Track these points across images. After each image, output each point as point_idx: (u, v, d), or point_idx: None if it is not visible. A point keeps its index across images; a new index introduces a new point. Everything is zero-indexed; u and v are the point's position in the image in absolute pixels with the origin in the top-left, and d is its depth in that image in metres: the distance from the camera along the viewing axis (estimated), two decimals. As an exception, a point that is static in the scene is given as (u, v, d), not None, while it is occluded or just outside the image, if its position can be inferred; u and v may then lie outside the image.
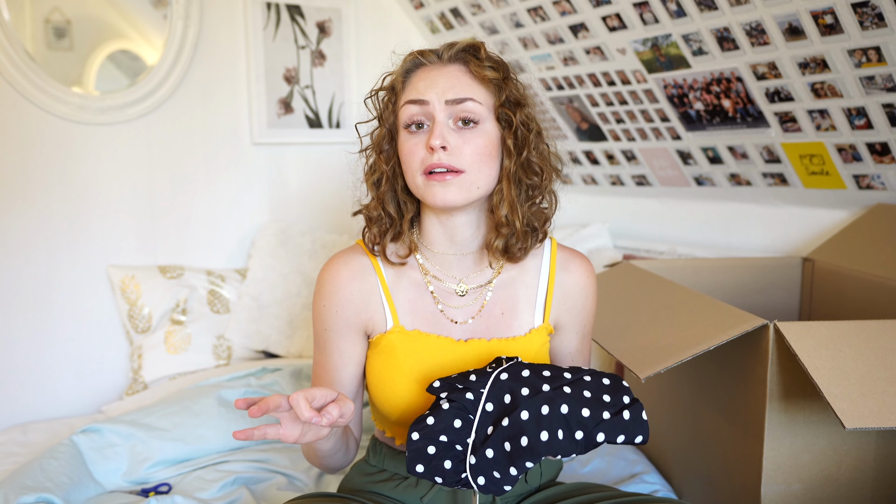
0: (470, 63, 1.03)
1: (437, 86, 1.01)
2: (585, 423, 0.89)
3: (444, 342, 1.06)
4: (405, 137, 1.03)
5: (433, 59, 1.04)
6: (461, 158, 0.99)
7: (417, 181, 1.01)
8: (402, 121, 1.03)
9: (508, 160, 1.03)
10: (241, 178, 2.20)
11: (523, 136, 1.03)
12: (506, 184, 1.03)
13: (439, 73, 1.02)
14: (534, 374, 0.93)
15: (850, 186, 1.70)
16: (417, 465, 0.91)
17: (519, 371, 0.93)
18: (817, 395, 0.96)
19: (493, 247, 1.05)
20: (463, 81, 1.01)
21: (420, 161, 1.00)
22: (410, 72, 1.05)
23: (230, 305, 2.09)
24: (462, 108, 1.00)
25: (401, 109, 1.03)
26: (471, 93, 1.01)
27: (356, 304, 1.07)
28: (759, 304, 1.74)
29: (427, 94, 1.00)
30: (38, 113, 1.88)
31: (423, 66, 1.04)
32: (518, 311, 1.09)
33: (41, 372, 1.93)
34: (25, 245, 1.89)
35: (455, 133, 1.00)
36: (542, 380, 0.92)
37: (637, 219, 2.28)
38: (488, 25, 2.12)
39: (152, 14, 2.05)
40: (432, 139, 0.98)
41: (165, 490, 1.44)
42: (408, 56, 1.06)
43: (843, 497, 1.19)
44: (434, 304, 1.08)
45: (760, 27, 1.51)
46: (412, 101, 1.01)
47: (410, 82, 1.04)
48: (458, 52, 1.03)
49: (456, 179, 0.99)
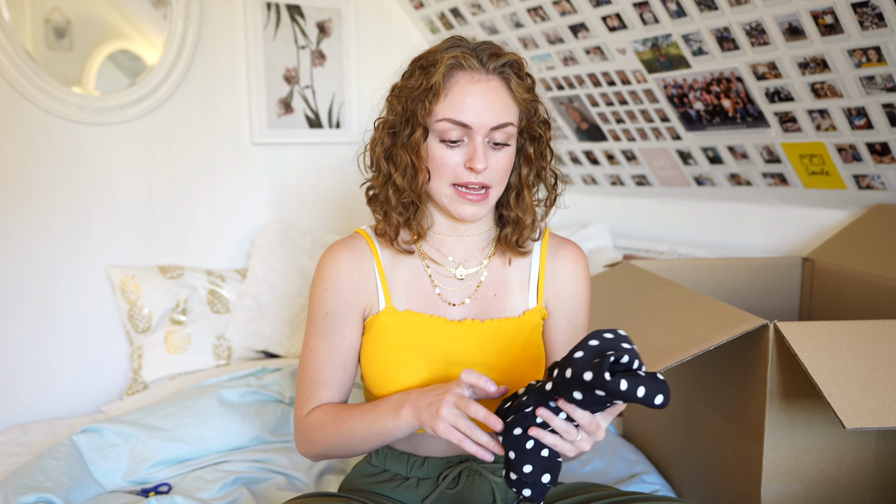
0: (511, 80, 1.04)
1: (482, 107, 1.01)
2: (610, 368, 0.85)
3: (438, 322, 1.08)
4: (438, 146, 1.03)
5: (475, 65, 1.02)
6: (492, 176, 1.03)
7: (445, 189, 1.04)
8: (436, 129, 1.02)
9: (528, 169, 1.09)
10: (241, 178, 2.20)
11: (544, 151, 1.10)
12: (527, 192, 1.10)
13: (483, 91, 1.01)
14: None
15: (850, 186, 1.70)
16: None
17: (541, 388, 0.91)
18: (817, 395, 0.96)
19: (510, 242, 1.10)
20: (504, 101, 1.03)
21: (454, 174, 1.02)
22: (450, 75, 1.02)
23: (230, 305, 2.09)
24: (501, 132, 1.03)
25: (438, 122, 1.02)
26: (510, 116, 1.03)
27: (356, 286, 1.09)
28: (759, 304, 1.74)
29: (472, 117, 1.00)
30: (38, 113, 1.88)
31: (464, 70, 1.02)
32: (510, 292, 1.12)
33: (41, 372, 1.93)
34: (25, 245, 1.89)
35: (489, 151, 1.03)
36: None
37: (637, 219, 2.28)
38: (488, 25, 2.12)
39: (152, 14, 2.05)
40: (477, 162, 1.00)
41: (165, 490, 1.44)
42: (448, 56, 1.02)
43: (843, 497, 1.19)
44: (431, 286, 1.10)
45: (760, 27, 1.51)
46: (453, 121, 1.01)
47: (452, 91, 1.02)
48: (503, 67, 1.04)
49: (485, 199, 1.04)
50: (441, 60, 1.02)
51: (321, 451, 1.10)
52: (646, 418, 1.62)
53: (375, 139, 1.09)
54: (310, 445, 1.10)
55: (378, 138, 1.09)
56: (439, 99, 1.02)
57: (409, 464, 1.12)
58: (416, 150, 1.04)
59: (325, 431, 1.07)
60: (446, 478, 1.10)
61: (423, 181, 1.04)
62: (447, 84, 1.02)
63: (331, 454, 1.10)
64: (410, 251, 1.10)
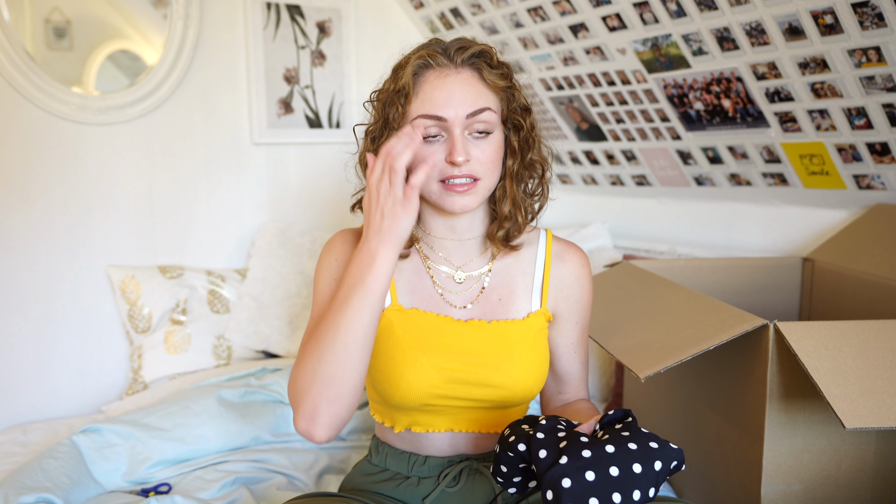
0: (482, 70, 1.03)
1: (454, 98, 1.00)
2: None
3: (444, 321, 1.08)
4: (419, 146, 1.02)
5: (443, 62, 1.02)
6: (478, 167, 1.02)
7: (432, 187, 1.03)
8: (415, 128, 1.02)
9: (512, 160, 1.08)
10: (241, 178, 2.20)
11: (528, 139, 1.08)
12: (509, 182, 1.08)
13: (454, 84, 1.01)
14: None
15: (850, 186, 1.70)
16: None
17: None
18: (817, 395, 0.96)
19: (495, 237, 1.10)
20: (477, 90, 1.02)
21: (438, 171, 1.02)
22: (419, 75, 1.03)
23: (230, 305, 2.09)
24: (479, 118, 1.02)
25: (413, 120, 1.01)
26: (486, 102, 1.02)
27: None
28: (759, 304, 1.74)
29: (445, 109, 1.00)
30: (38, 113, 1.88)
31: (432, 68, 1.02)
32: (515, 297, 1.11)
33: (41, 372, 1.93)
34: (25, 245, 1.89)
35: (471, 143, 1.02)
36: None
37: (637, 219, 2.28)
38: (488, 25, 2.12)
39: (152, 14, 2.05)
40: (456, 155, 0.99)
41: (165, 490, 1.44)
42: (414, 56, 1.03)
43: (843, 497, 1.19)
44: (434, 287, 1.10)
45: (760, 27, 1.51)
46: (428, 117, 1.00)
47: (423, 89, 1.02)
48: (471, 58, 1.03)
49: (473, 188, 1.02)
50: (409, 62, 1.03)
51: (308, 382, 0.94)
52: (645, 418, 1.62)
53: (361, 148, 1.10)
54: (298, 395, 0.96)
55: (364, 147, 1.09)
56: (411, 100, 1.02)
57: (409, 463, 1.13)
58: None
59: (305, 351, 0.96)
60: (447, 476, 1.10)
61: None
62: (417, 83, 1.02)
63: (321, 380, 0.94)
64: (407, 254, 1.10)
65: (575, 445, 0.82)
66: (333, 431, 0.96)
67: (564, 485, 0.79)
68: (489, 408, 1.09)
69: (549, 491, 0.80)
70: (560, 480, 0.79)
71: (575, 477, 0.79)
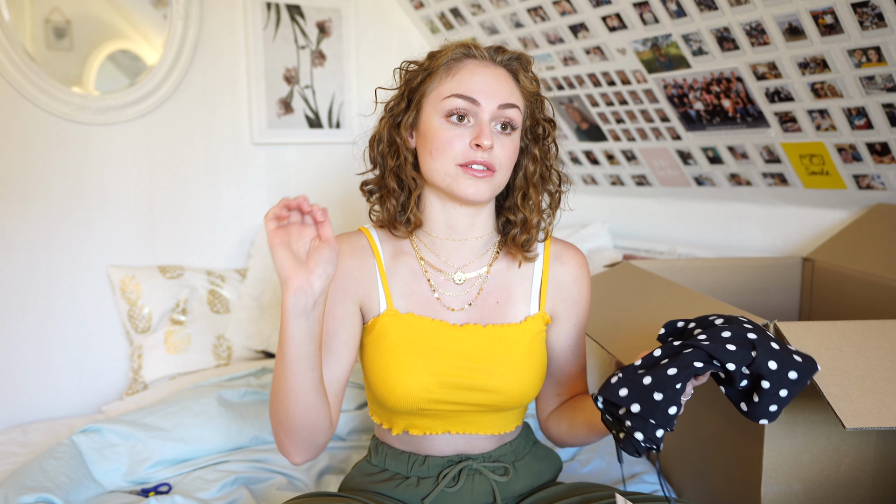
0: (518, 73, 1.07)
1: (490, 87, 1.03)
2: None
3: (439, 325, 1.07)
4: (443, 125, 1.03)
5: (484, 55, 1.06)
6: (498, 159, 1.04)
7: (449, 169, 1.03)
8: (443, 108, 1.03)
9: (533, 167, 1.10)
10: (241, 178, 2.20)
11: (548, 150, 1.12)
12: (532, 190, 1.10)
13: (492, 75, 1.05)
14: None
15: (850, 186, 1.70)
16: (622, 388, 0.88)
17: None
18: (817, 395, 0.96)
19: (518, 243, 1.10)
20: (511, 87, 1.06)
21: (460, 153, 1.02)
22: (459, 60, 1.06)
23: (230, 305, 2.09)
24: (508, 113, 1.04)
25: (445, 99, 1.03)
26: (517, 100, 1.06)
27: (355, 276, 1.09)
28: (759, 304, 1.74)
29: (480, 94, 1.03)
30: (38, 113, 1.88)
31: (473, 58, 1.06)
32: (513, 300, 1.11)
33: (41, 372, 1.93)
34: (25, 245, 1.89)
35: (495, 135, 1.04)
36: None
37: (637, 219, 2.28)
38: (488, 25, 2.12)
39: (152, 14, 2.05)
40: (484, 138, 1.01)
41: (165, 490, 1.44)
42: (457, 46, 1.06)
43: (843, 497, 1.19)
44: (430, 290, 1.10)
45: (760, 27, 1.51)
46: (462, 96, 1.02)
47: (461, 72, 1.05)
48: (510, 60, 1.08)
49: (489, 178, 1.03)
50: (449, 49, 1.06)
51: (273, 418, 1.01)
52: (646, 418, 1.62)
53: (379, 126, 1.11)
54: (271, 424, 1.03)
55: (383, 121, 1.10)
56: (446, 79, 1.05)
57: (409, 463, 1.13)
58: (419, 130, 1.07)
59: (271, 388, 1.01)
60: (446, 476, 1.10)
61: (425, 162, 1.05)
62: (456, 66, 1.05)
63: (281, 421, 1.00)
64: (408, 234, 1.11)
65: (764, 341, 0.89)
66: (309, 455, 1.05)
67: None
68: (486, 411, 1.09)
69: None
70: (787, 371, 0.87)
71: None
